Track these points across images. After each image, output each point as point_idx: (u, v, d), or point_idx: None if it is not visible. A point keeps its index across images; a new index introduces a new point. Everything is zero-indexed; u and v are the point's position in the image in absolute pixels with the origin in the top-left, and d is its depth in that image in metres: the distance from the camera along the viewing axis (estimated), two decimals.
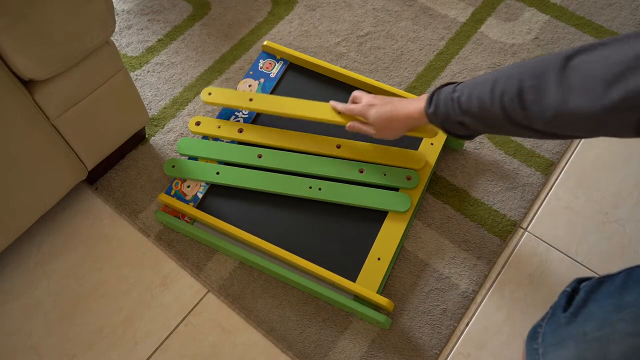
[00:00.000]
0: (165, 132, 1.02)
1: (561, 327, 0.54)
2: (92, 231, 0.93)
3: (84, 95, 0.78)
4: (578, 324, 0.53)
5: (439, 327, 0.83)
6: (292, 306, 0.85)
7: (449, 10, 1.19)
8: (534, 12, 1.19)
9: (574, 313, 0.54)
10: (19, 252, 0.91)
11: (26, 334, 0.84)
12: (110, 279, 0.89)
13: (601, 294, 0.54)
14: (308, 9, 1.19)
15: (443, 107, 0.70)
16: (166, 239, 0.91)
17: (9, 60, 0.64)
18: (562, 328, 0.54)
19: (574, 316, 0.54)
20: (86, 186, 0.96)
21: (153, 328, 0.84)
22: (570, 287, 0.58)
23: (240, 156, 0.94)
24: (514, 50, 1.13)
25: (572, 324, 0.54)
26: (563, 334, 0.54)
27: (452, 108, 0.68)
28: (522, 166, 0.98)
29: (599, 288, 0.54)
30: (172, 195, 0.92)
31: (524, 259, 0.90)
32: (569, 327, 0.54)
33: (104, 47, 0.76)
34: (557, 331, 0.55)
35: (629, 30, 1.15)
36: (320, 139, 0.95)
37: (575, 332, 0.52)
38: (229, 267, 0.88)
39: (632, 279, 0.53)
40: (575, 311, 0.54)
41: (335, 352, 0.81)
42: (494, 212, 0.93)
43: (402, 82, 1.08)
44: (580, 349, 0.50)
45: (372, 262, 0.85)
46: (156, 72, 1.10)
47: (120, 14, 1.18)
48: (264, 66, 1.07)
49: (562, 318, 0.55)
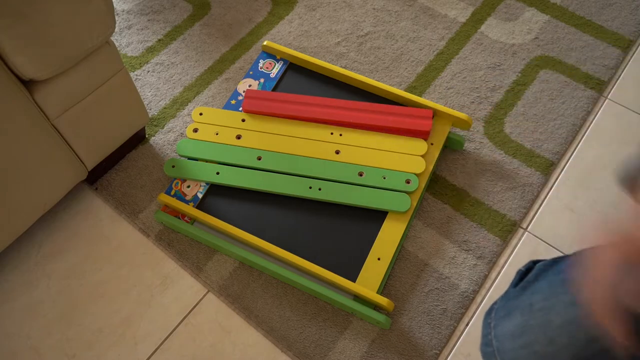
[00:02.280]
0: (165, 132, 1.02)
1: (510, 300, 0.56)
2: (92, 231, 0.93)
3: (84, 95, 0.78)
4: (526, 296, 0.55)
5: (439, 327, 0.83)
6: (292, 306, 0.85)
7: (449, 10, 1.19)
8: (534, 12, 1.19)
9: (524, 287, 0.56)
10: (19, 252, 0.91)
11: (26, 334, 0.84)
12: (110, 279, 0.89)
13: (552, 272, 0.55)
14: (308, 9, 1.19)
15: None
16: (166, 239, 0.90)
17: (9, 60, 0.64)
18: (512, 301, 0.56)
19: (523, 289, 0.56)
20: (86, 186, 0.96)
21: (153, 328, 0.84)
22: (525, 266, 0.59)
23: (240, 158, 0.94)
24: (514, 50, 1.13)
25: (520, 297, 0.55)
26: (512, 306, 0.55)
27: None
28: (522, 166, 0.98)
29: (551, 267, 0.56)
30: (172, 195, 0.92)
31: (524, 259, 0.90)
32: (517, 300, 0.55)
33: (104, 47, 0.76)
34: (507, 304, 0.57)
35: (629, 30, 1.15)
36: (319, 145, 0.95)
37: (522, 303, 0.54)
38: (229, 267, 0.88)
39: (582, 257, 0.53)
40: (524, 286, 0.56)
41: (335, 352, 0.81)
42: (494, 212, 0.93)
43: (402, 82, 1.08)
44: (525, 318, 0.52)
45: (372, 262, 0.85)
46: (156, 72, 1.10)
47: (120, 14, 1.18)
48: (264, 66, 1.07)
49: (512, 292, 0.57)
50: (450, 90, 1.07)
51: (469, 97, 1.06)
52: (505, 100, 1.06)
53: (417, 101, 0.98)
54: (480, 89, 1.07)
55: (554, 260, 0.57)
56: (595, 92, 1.07)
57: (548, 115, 1.04)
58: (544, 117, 1.04)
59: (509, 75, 1.09)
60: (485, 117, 1.04)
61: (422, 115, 0.96)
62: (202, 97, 1.06)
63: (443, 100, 1.06)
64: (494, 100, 1.06)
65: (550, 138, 1.01)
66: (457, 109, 1.05)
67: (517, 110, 1.05)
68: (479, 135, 1.01)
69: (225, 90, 1.07)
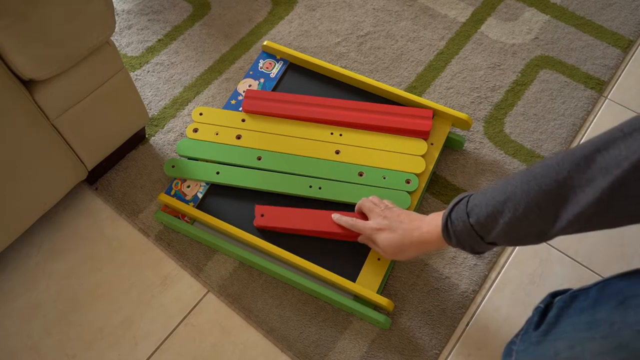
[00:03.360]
0: (165, 132, 1.02)
1: (532, 346, 0.54)
2: (92, 231, 0.93)
3: (84, 95, 0.78)
4: (549, 342, 0.52)
5: (439, 327, 0.83)
6: (292, 306, 0.85)
7: (449, 10, 1.19)
8: (534, 12, 1.19)
9: (546, 331, 0.53)
10: (19, 252, 0.91)
11: (26, 334, 0.84)
12: (110, 279, 0.89)
13: (574, 310, 0.53)
14: (308, 9, 1.19)
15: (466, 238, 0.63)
16: (166, 239, 0.91)
17: (9, 60, 0.64)
18: (534, 347, 0.54)
19: (545, 334, 0.53)
20: (86, 186, 0.96)
21: (153, 328, 0.84)
22: (544, 302, 0.57)
23: (240, 158, 0.94)
24: (514, 50, 1.13)
25: (543, 343, 0.53)
26: (535, 353, 0.53)
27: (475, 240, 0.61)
28: (522, 166, 0.98)
29: (572, 303, 0.53)
30: (172, 196, 0.92)
31: (524, 259, 0.90)
32: (540, 346, 0.53)
33: (104, 47, 0.76)
34: (529, 350, 0.54)
35: (629, 30, 1.15)
36: (319, 145, 0.95)
37: (546, 352, 0.52)
38: (229, 267, 0.88)
39: (605, 293, 0.51)
40: (546, 329, 0.53)
41: (335, 352, 0.81)
42: None
43: (402, 82, 1.08)
44: None
45: (372, 262, 0.85)
46: (156, 72, 1.10)
47: (120, 14, 1.18)
48: (264, 66, 1.07)
49: (534, 337, 0.54)
50: (450, 90, 1.07)
51: (469, 97, 1.06)
52: (505, 100, 1.06)
53: (417, 101, 0.98)
54: (480, 89, 1.07)
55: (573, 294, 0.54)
56: (595, 92, 1.07)
57: (548, 115, 1.04)
58: (544, 117, 1.04)
59: (509, 75, 1.09)
60: (485, 117, 1.04)
61: (422, 115, 0.96)
62: (202, 97, 1.06)
63: (443, 100, 1.06)
64: (494, 100, 1.06)
65: (550, 138, 1.01)
66: (457, 109, 1.05)
67: (517, 110, 1.05)
68: (479, 135, 1.01)
69: (225, 90, 1.07)
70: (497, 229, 0.58)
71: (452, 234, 0.64)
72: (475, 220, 0.60)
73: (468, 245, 0.63)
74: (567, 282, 0.87)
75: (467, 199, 0.63)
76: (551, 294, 0.57)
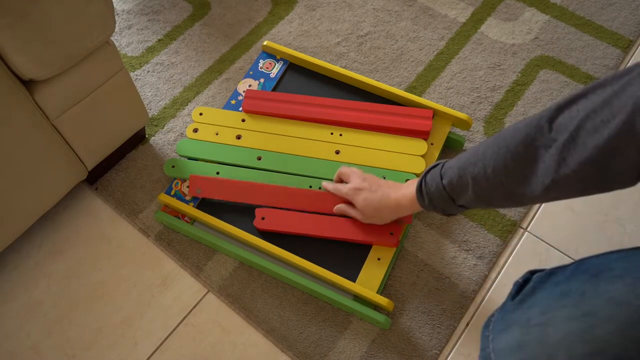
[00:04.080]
0: (165, 132, 1.02)
1: (508, 314, 0.56)
2: (92, 231, 0.93)
3: (84, 95, 0.78)
4: (523, 310, 0.54)
5: (439, 327, 0.83)
6: (292, 306, 0.85)
7: (449, 10, 1.19)
8: (534, 12, 1.19)
9: (521, 300, 0.56)
10: (19, 252, 0.91)
11: (26, 334, 0.84)
12: (110, 279, 0.89)
13: (549, 284, 0.55)
14: (308, 9, 1.19)
15: (438, 199, 0.67)
16: (166, 239, 0.91)
17: (9, 60, 0.64)
18: (509, 314, 0.56)
19: (520, 303, 0.55)
20: (86, 186, 0.96)
21: (153, 328, 0.84)
22: (523, 277, 0.59)
23: (240, 158, 0.94)
24: (514, 50, 1.13)
25: (517, 310, 0.55)
26: (509, 320, 0.55)
27: (447, 202, 0.66)
28: None
29: (548, 278, 0.56)
30: (172, 196, 0.92)
31: (524, 259, 0.90)
32: (514, 313, 0.55)
33: (104, 47, 0.76)
34: (505, 318, 0.56)
35: (629, 30, 1.15)
36: (319, 145, 0.95)
37: (519, 317, 0.54)
38: (229, 267, 0.88)
39: (580, 269, 0.53)
40: (522, 299, 0.56)
41: (335, 352, 0.81)
42: (494, 212, 0.93)
43: (402, 82, 1.08)
44: (522, 333, 0.52)
45: (372, 262, 0.85)
46: (156, 72, 1.10)
47: (120, 14, 1.18)
48: (264, 66, 1.07)
49: (510, 305, 0.57)
50: (450, 90, 1.07)
51: (469, 97, 1.06)
52: (505, 100, 1.06)
53: (417, 101, 0.98)
54: (480, 89, 1.07)
55: (551, 271, 0.56)
56: None
57: None
58: None
59: (509, 75, 1.09)
60: (485, 117, 1.04)
61: (422, 115, 0.96)
62: (202, 97, 1.06)
63: (443, 100, 1.06)
64: (494, 100, 1.06)
65: None
66: (457, 109, 1.05)
67: (517, 110, 1.05)
68: (479, 135, 1.01)
69: (225, 90, 1.07)
70: (468, 191, 0.61)
71: (425, 195, 0.69)
72: (448, 181, 0.64)
73: (440, 207, 0.68)
74: None
75: (442, 163, 0.67)
76: (530, 270, 0.60)
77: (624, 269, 0.49)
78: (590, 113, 0.48)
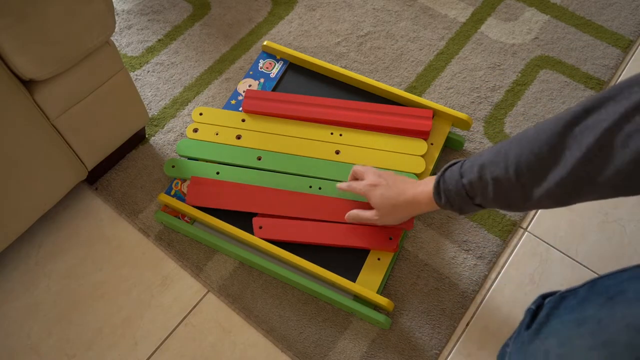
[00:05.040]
0: (165, 132, 1.02)
1: (524, 346, 0.54)
2: (92, 231, 0.93)
3: (84, 95, 0.78)
4: (540, 341, 0.53)
5: (439, 327, 0.83)
6: (292, 306, 0.85)
7: (449, 10, 1.19)
8: (534, 12, 1.19)
9: (537, 330, 0.54)
10: (19, 252, 0.91)
11: (26, 334, 0.84)
12: (110, 279, 0.89)
13: (563, 310, 0.53)
14: (308, 9, 1.19)
15: (456, 197, 0.65)
16: (166, 239, 0.91)
17: (9, 60, 0.64)
18: (525, 346, 0.54)
19: (536, 333, 0.54)
20: (86, 186, 0.96)
21: (153, 328, 0.84)
22: (535, 304, 0.57)
23: (240, 158, 0.94)
24: (514, 50, 1.13)
25: (534, 342, 0.53)
26: (526, 352, 0.53)
27: (464, 200, 0.64)
28: None
29: (561, 303, 0.54)
30: (172, 196, 0.92)
31: (524, 259, 0.90)
32: (531, 345, 0.53)
33: (104, 47, 0.76)
34: (521, 350, 0.54)
35: (629, 30, 1.15)
36: (319, 145, 0.95)
37: (537, 351, 0.52)
38: (229, 267, 0.88)
39: (593, 291, 0.52)
40: (537, 328, 0.54)
41: (335, 352, 0.81)
42: (494, 212, 0.93)
43: (402, 82, 1.08)
44: None
45: (372, 262, 0.85)
46: (156, 72, 1.10)
47: (120, 14, 1.18)
48: (264, 66, 1.07)
49: (525, 336, 0.55)
50: (450, 90, 1.07)
51: (469, 97, 1.06)
52: (505, 100, 1.06)
53: (417, 101, 0.98)
54: (480, 89, 1.07)
55: (563, 294, 0.55)
56: (595, 92, 1.07)
57: (548, 115, 1.04)
58: (544, 117, 1.04)
59: (509, 75, 1.09)
60: (485, 117, 1.04)
61: (422, 115, 0.96)
62: (202, 97, 1.06)
63: (443, 100, 1.06)
64: (494, 100, 1.06)
65: None
66: (457, 109, 1.05)
67: (517, 110, 1.05)
68: (479, 135, 1.01)
69: (225, 90, 1.07)
70: (488, 191, 0.60)
71: (442, 193, 0.67)
72: (468, 180, 0.62)
73: (457, 205, 0.66)
74: (567, 282, 0.87)
75: (462, 162, 0.65)
76: (542, 295, 0.58)
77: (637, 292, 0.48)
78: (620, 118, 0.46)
